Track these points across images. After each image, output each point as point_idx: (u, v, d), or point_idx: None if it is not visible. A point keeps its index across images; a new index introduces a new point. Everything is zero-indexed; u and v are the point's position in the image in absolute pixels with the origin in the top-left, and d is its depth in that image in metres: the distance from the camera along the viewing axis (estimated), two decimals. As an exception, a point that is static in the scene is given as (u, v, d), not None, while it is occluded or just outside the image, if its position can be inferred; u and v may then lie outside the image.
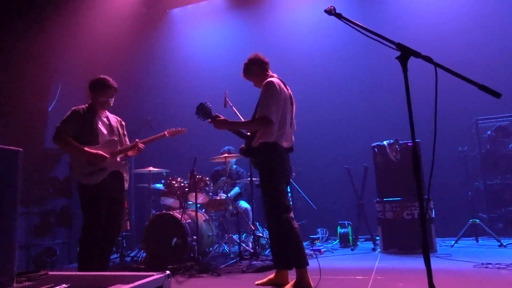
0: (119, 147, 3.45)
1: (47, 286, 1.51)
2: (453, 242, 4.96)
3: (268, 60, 3.38)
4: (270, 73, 3.35)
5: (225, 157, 4.94)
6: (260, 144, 3.11)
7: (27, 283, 1.65)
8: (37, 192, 5.06)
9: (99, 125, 3.41)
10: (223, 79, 6.81)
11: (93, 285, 1.50)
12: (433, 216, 4.68)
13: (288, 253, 2.99)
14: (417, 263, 3.94)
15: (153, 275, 1.61)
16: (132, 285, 1.46)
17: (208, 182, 5.10)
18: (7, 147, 1.64)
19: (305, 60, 6.83)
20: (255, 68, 3.32)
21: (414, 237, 4.53)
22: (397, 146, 4.95)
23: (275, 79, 3.17)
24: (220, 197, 5.10)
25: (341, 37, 6.43)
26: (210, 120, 3.14)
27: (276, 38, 7.08)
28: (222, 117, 3.17)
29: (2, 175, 1.51)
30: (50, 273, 1.84)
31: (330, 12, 2.01)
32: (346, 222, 5.52)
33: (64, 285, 1.51)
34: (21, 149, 1.61)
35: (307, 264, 2.98)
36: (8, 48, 5.02)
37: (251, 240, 4.92)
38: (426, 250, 1.76)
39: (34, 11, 5.30)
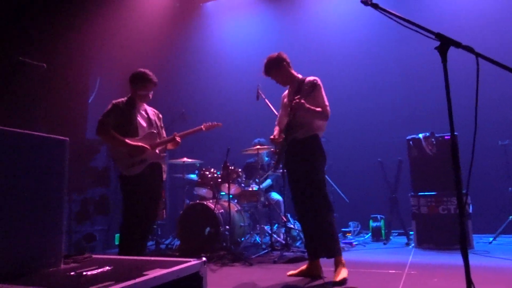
0: (158, 140, 3.54)
1: (92, 267, 1.59)
2: (491, 239, 4.78)
3: None
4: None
5: (258, 149, 4.97)
6: (312, 136, 3.22)
7: (73, 264, 1.75)
8: (78, 181, 5.28)
9: (138, 118, 3.49)
10: (255, 71, 6.81)
11: (134, 268, 1.58)
12: (471, 211, 4.53)
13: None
14: (453, 259, 3.84)
15: (190, 261, 1.67)
16: (170, 269, 1.52)
17: (240, 174, 5.16)
18: (54, 136, 1.73)
19: (339, 51, 6.72)
20: (286, 65, 3.38)
21: (449, 232, 4.40)
22: (433, 139, 4.81)
23: None
24: (252, 188, 5.15)
25: (375, 27, 6.28)
26: (298, 98, 3.10)
27: (308, 29, 7.00)
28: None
29: (50, 163, 1.60)
30: (94, 256, 1.94)
31: (366, 2, 1.98)
32: (378, 215, 5.43)
33: (107, 267, 1.59)
34: (67, 139, 1.70)
35: None
36: (51, 42, 5.23)
37: (283, 231, 4.95)
38: (464, 245, 1.71)
39: (74, 6, 5.49)
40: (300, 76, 3.43)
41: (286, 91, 3.54)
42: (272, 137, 3.43)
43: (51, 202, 1.59)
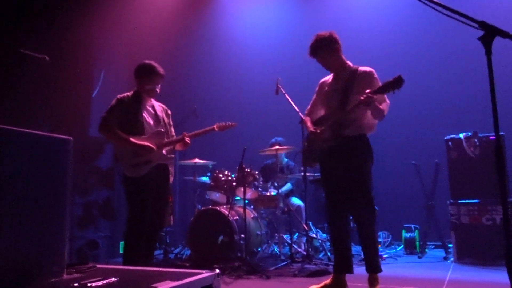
0: (166, 139, 3.58)
1: (97, 278, 1.63)
2: (543, 253, 4.67)
3: None
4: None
5: (276, 149, 4.97)
6: (362, 134, 3.19)
7: (76, 275, 1.80)
8: (81, 182, 5.38)
9: (144, 115, 3.53)
10: (274, 64, 6.82)
11: (142, 280, 1.61)
12: (519, 222, 4.43)
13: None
14: (498, 276, 3.77)
15: (202, 273, 1.69)
16: (181, 282, 1.55)
17: (257, 177, 5.17)
18: (57, 135, 1.78)
19: (367, 42, 6.64)
20: (338, 48, 3.27)
21: (495, 246, 4.32)
22: (475, 140, 4.73)
23: None
24: (270, 193, 5.16)
25: (409, 15, 6.20)
26: (370, 92, 3.00)
27: (334, 18, 6.92)
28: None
29: (54, 165, 1.65)
30: (98, 266, 1.99)
31: (401, -14, 1.96)
32: (412, 225, 5.37)
33: (113, 278, 1.63)
34: (71, 138, 1.75)
35: None
36: (52, 34, 5.34)
37: (304, 241, 4.94)
38: (510, 261, 1.69)
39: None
40: (350, 63, 3.32)
41: (329, 78, 3.41)
42: (313, 130, 3.28)
43: (54, 207, 1.64)
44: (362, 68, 3.24)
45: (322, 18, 7.03)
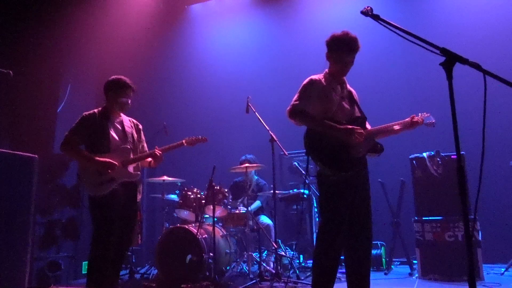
0: (132, 156, 3.50)
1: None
2: (503, 269, 4.84)
3: None
4: None
5: (246, 167, 4.98)
6: None
7: (37, 298, 1.73)
8: (43, 200, 5.17)
9: (111, 132, 3.45)
10: (245, 83, 6.88)
11: (108, 303, 1.56)
12: (480, 239, 4.58)
13: None
14: (461, 291, 3.88)
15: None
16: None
17: (226, 194, 5.14)
18: (22, 153, 1.73)
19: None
20: None
21: (457, 262, 4.44)
22: (438, 159, 4.89)
23: None
24: (240, 210, 5.14)
25: (378, 36, 6.39)
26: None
27: (306, 37, 7.06)
28: None
29: (16, 183, 1.59)
30: (60, 288, 1.92)
31: (367, 13, 2.04)
32: (378, 242, 5.46)
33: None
34: (36, 156, 1.70)
35: None
36: (16, 47, 5.21)
37: (273, 259, 4.93)
38: (472, 277, 1.74)
39: (43, 9, 5.50)
40: None
41: (322, 79, 3.13)
42: (360, 130, 3.01)
43: (15, 228, 1.58)
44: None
45: (293, 38, 7.17)
